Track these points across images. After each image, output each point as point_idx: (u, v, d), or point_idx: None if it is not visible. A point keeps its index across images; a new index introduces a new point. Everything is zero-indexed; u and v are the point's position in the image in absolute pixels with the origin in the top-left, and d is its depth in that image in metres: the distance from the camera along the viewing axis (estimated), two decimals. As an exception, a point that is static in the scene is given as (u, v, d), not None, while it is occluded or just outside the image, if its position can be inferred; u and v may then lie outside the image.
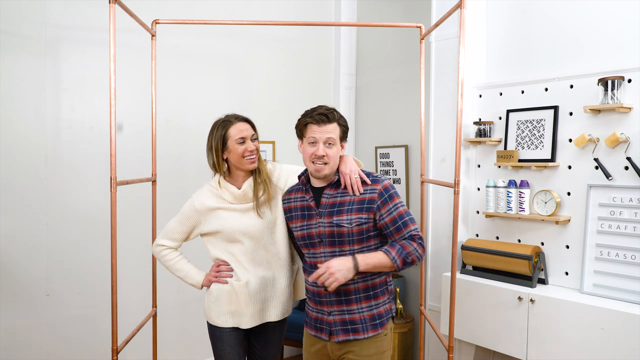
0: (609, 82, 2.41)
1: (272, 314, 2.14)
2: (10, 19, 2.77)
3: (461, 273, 2.93)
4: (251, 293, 2.09)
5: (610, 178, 2.46)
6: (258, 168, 2.13)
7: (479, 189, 3.04)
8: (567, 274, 2.65)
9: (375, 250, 1.90)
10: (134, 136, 3.13)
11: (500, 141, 2.92)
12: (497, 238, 2.96)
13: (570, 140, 2.63)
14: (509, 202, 2.80)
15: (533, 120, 2.77)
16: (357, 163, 2.00)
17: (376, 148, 3.91)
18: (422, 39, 2.67)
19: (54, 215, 2.92)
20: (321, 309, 1.96)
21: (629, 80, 2.41)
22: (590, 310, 2.33)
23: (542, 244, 2.75)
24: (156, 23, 2.54)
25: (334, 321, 1.93)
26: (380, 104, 3.93)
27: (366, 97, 4.06)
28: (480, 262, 2.85)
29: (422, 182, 2.74)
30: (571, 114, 2.63)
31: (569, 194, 2.64)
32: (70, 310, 2.98)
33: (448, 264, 3.05)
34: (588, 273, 2.51)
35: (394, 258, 1.82)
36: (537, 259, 2.67)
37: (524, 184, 2.77)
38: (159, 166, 2.75)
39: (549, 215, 2.65)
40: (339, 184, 1.93)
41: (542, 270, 2.70)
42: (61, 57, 2.93)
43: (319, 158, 1.88)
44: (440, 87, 3.13)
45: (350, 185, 1.90)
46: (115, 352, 2.05)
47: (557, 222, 2.63)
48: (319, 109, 1.91)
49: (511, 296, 2.61)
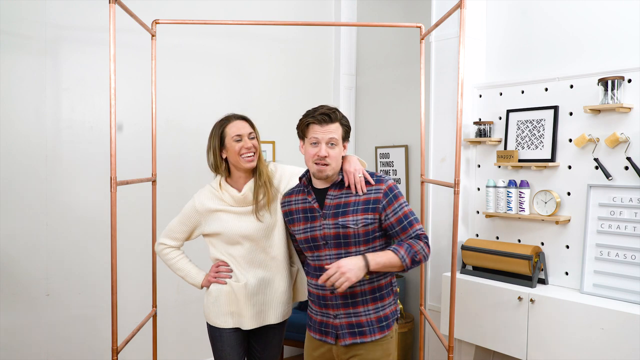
0: (609, 82, 2.41)
1: (272, 316, 2.13)
2: (10, 19, 2.77)
3: (461, 273, 2.93)
4: (250, 294, 2.08)
5: (610, 178, 2.46)
6: (259, 170, 2.10)
7: (479, 189, 3.04)
8: (567, 274, 2.65)
9: (379, 251, 1.86)
10: (134, 136, 3.13)
11: (500, 141, 2.92)
12: (497, 238, 2.96)
13: (570, 140, 2.63)
14: (509, 202, 2.80)
15: (533, 120, 2.77)
16: (361, 163, 1.98)
17: (376, 148, 3.91)
18: (422, 39, 2.67)
19: (54, 215, 2.92)
20: (326, 312, 1.92)
21: (629, 80, 2.41)
22: (590, 310, 2.33)
23: (542, 244, 2.75)
24: (156, 23, 2.54)
25: (340, 324, 1.89)
26: (380, 104, 3.93)
27: (366, 97, 4.06)
28: (480, 262, 2.85)
29: (422, 182, 2.74)
30: (571, 114, 2.63)
31: (569, 194, 2.64)
32: (70, 310, 2.98)
33: (448, 264, 3.05)
34: (588, 273, 2.51)
35: (403, 257, 1.80)
36: (537, 259, 2.67)
37: (524, 184, 2.77)
38: (159, 166, 2.74)
39: (549, 215, 2.65)
40: (343, 184, 1.90)
41: (542, 270, 2.70)
42: (61, 57, 2.93)
43: (321, 159, 1.84)
44: (440, 87, 3.13)
45: (354, 184, 1.87)
46: (115, 352, 2.05)
47: (557, 222, 2.63)
48: (320, 108, 1.86)
49: (511, 296, 2.61)
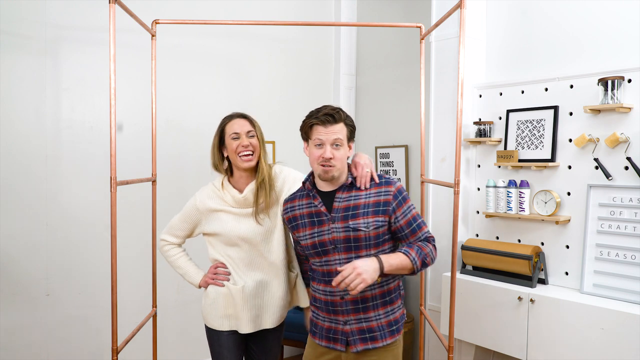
0: (609, 82, 2.41)
1: (268, 321, 2.13)
2: (10, 19, 2.77)
3: (461, 273, 2.93)
4: (247, 298, 2.07)
5: (610, 178, 2.46)
6: (259, 170, 2.08)
7: (479, 189, 3.04)
8: (567, 274, 2.65)
9: (389, 253, 1.83)
10: (134, 136, 3.14)
11: (500, 141, 2.92)
12: (497, 238, 2.96)
13: (570, 140, 2.63)
14: (509, 202, 2.80)
15: (533, 120, 2.77)
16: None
17: (376, 148, 3.91)
18: (422, 39, 2.67)
19: (54, 215, 2.92)
20: (335, 319, 1.86)
21: (629, 80, 2.41)
22: (590, 310, 2.33)
23: (542, 244, 2.75)
24: (156, 23, 2.54)
25: (350, 330, 1.84)
26: (380, 104, 3.93)
27: (366, 97, 4.06)
28: (480, 262, 2.85)
29: (422, 182, 2.74)
30: (571, 114, 2.63)
31: (569, 194, 2.64)
32: (70, 310, 2.98)
33: (448, 264, 3.05)
34: (588, 273, 2.51)
35: (414, 259, 1.77)
36: (537, 259, 2.67)
37: (524, 184, 2.77)
38: (159, 166, 2.74)
39: (549, 215, 2.65)
40: (352, 186, 1.86)
41: (542, 270, 2.70)
42: (61, 57, 2.93)
43: (326, 160, 1.79)
44: (440, 87, 3.13)
45: (360, 177, 1.86)
46: (115, 352, 2.05)
47: (557, 222, 2.63)
48: (324, 109, 1.82)
49: (511, 296, 2.61)
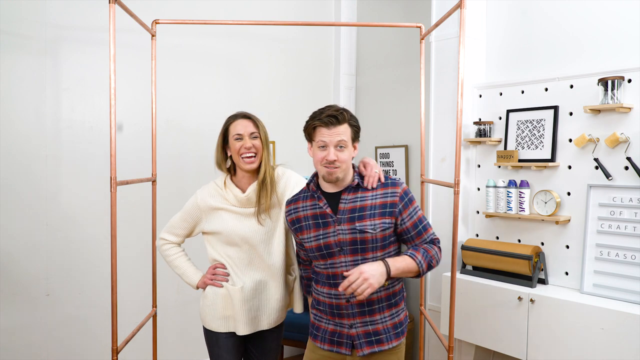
0: (609, 82, 2.41)
1: (265, 322, 2.12)
2: (10, 19, 2.77)
3: (461, 273, 2.93)
4: (246, 299, 2.06)
5: (610, 178, 2.46)
6: (262, 171, 2.07)
7: (479, 189, 3.04)
8: (567, 274, 2.65)
9: (395, 256, 1.82)
10: (134, 136, 3.13)
11: (500, 141, 2.92)
12: (497, 238, 2.96)
13: (570, 140, 2.63)
14: (509, 202, 2.80)
15: (533, 120, 2.77)
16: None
17: (376, 148, 3.91)
18: (422, 39, 2.67)
19: (54, 215, 2.92)
20: (340, 322, 1.84)
21: (629, 80, 2.41)
22: (590, 310, 2.33)
23: (542, 244, 2.75)
24: (156, 23, 2.54)
25: (357, 334, 1.81)
26: (380, 104, 3.93)
27: (366, 97, 4.05)
28: (480, 262, 2.85)
29: (422, 182, 2.74)
30: (571, 114, 2.63)
31: (569, 194, 2.64)
32: (70, 310, 2.98)
33: (448, 264, 3.04)
34: (588, 273, 2.51)
35: (420, 262, 1.76)
36: (537, 259, 2.67)
37: (524, 184, 2.77)
38: (159, 166, 2.74)
39: (549, 215, 2.65)
40: (358, 187, 1.83)
41: (542, 270, 2.70)
42: (61, 57, 2.93)
43: (330, 163, 1.76)
44: (440, 87, 3.13)
45: (367, 176, 1.83)
46: (115, 352, 2.05)
47: (557, 222, 2.63)
48: (327, 110, 1.78)
49: (511, 296, 2.61)
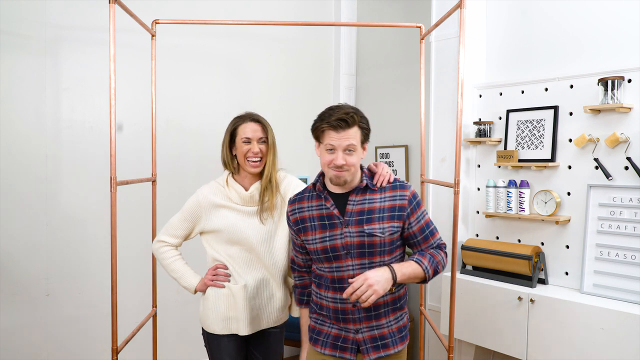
0: (609, 82, 2.41)
1: (266, 321, 2.12)
2: (10, 19, 2.77)
3: (461, 273, 2.93)
4: (249, 297, 2.06)
5: (610, 178, 2.46)
6: (267, 172, 2.07)
7: (479, 189, 3.04)
8: (567, 274, 2.65)
9: (400, 260, 1.79)
10: (134, 136, 3.13)
11: (500, 141, 2.92)
12: (497, 238, 2.96)
13: (570, 140, 2.63)
14: (509, 202, 2.80)
15: (533, 120, 2.77)
16: None
17: (376, 148, 3.91)
18: (422, 39, 2.67)
19: (54, 215, 2.92)
20: (345, 327, 1.79)
21: (629, 80, 2.41)
22: (590, 310, 2.33)
23: (542, 244, 2.75)
24: (156, 23, 2.54)
25: (363, 339, 1.78)
26: (380, 104, 3.93)
27: (366, 97, 4.05)
28: (480, 262, 2.85)
29: (422, 182, 2.74)
30: (571, 114, 2.63)
31: (569, 194, 2.64)
32: (70, 310, 2.98)
33: (448, 264, 3.04)
34: (588, 273, 2.51)
35: (427, 268, 1.73)
36: (537, 259, 2.67)
37: (524, 184, 2.77)
38: (159, 166, 2.74)
39: (549, 215, 2.65)
40: (366, 189, 1.78)
41: (542, 270, 2.70)
42: (61, 57, 2.93)
43: (338, 167, 1.70)
44: (440, 87, 3.13)
45: (379, 175, 1.80)
46: (115, 352, 2.05)
47: (557, 222, 2.63)
48: (337, 112, 1.69)
49: (511, 296, 2.61)
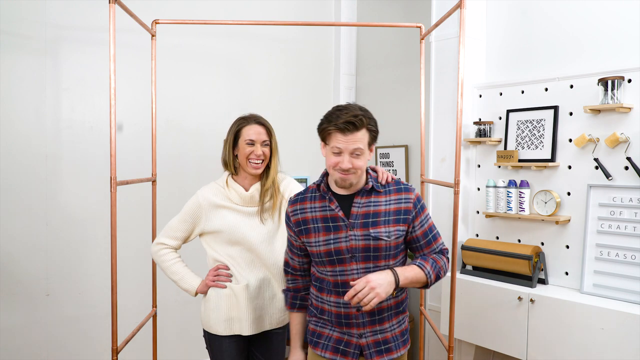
0: (609, 82, 2.41)
1: (268, 322, 2.12)
2: (10, 19, 2.77)
3: (461, 273, 2.93)
4: (251, 296, 2.06)
5: (610, 178, 2.46)
6: (268, 175, 2.08)
7: (479, 189, 3.04)
8: (567, 274, 2.65)
9: (401, 265, 1.77)
10: (134, 136, 3.13)
11: (500, 141, 2.92)
12: (497, 238, 2.96)
13: (570, 140, 2.63)
14: (509, 202, 2.80)
15: (533, 120, 2.77)
16: None
17: (376, 148, 3.91)
18: (422, 39, 2.67)
19: (54, 215, 2.92)
20: (349, 332, 1.76)
21: (629, 80, 2.41)
22: (590, 310, 2.33)
23: (542, 244, 2.75)
24: (156, 23, 2.54)
25: (366, 343, 1.74)
26: (380, 104, 3.93)
27: (366, 97, 4.05)
28: (480, 262, 2.85)
29: (422, 182, 2.74)
30: (571, 114, 2.63)
31: (569, 194, 2.64)
32: (70, 310, 2.98)
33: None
34: (588, 273, 2.51)
35: (429, 273, 1.71)
36: (537, 259, 2.67)
37: (524, 184, 2.77)
38: (159, 166, 2.75)
39: (549, 215, 2.65)
40: (372, 191, 1.74)
41: (542, 270, 2.70)
42: (61, 57, 2.93)
43: (344, 171, 1.66)
44: (440, 87, 3.13)
45: (382, 173, 1.78)
46: (115, 352, 2.05)
47: (557, 222, 2.63)
48: (344, 113, 1.62)
49: (511, 296, 2.61)
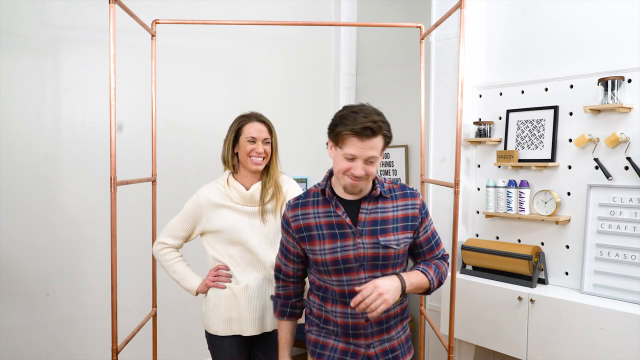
0: (609, 82, 2.41)
1: (269, 324, 2.11)
2: (10, 19, 2.77)
3: (461, 273, 2.93)
4: (251, 297, 2.05)
5: (610, 178, 2.46)
6: (270, 173, 2.09)
7: (479, 189, 3.04)
8: (567, 274, 2.65)
9: (403, 271, 1.72)
10: (134, 136, 3.13)
11: (500, 141, 2.92)
12: (497, 238, 2.96)
13: (570, 140, 2.63)
14: (509, 202, 2.80)
15: (533, 120, 2.77)
16: None
17: (376, 148, 3.91)
18: (422, 39, 2.67)
19: (54, 215, 2.92)
20: (356, 342, 1.69)
21: (629, 80, 2.41)
22: (590, 310, 2.33)
23: (542, 244, 2.75)
24: (156, 23, 2.54)
25: (375, 354, 1.68)
26: (380, 104, 3.86)
27: (366, 97, 4.05)
28: (480, 262, 2.85)
29: (422, 182, 2.74)
30: (571, 114, 2.63)
31: (569, 194, 2.64)
32: (70, 310, 2.98)
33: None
34: (588, 273, 2.51)
35: (432, 279, 1.68)
36: (537, 259, 2.67)
37: (524, 184, 2.77)
38: (159, 166, 2.75)
39: (549, 215, 2.65)
40: (379, 197, 1.67)
41: (542, 270, 2.70)
42: (61, 57, 2.93)
43: (356, 178, 1.58)
44: (440, 87, 3.13)
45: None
46: (115, 352, 2.05)
47: (557, 222, 2.63)
48: (362, 117, 1.55)
49: (511, 296, 2.61)
